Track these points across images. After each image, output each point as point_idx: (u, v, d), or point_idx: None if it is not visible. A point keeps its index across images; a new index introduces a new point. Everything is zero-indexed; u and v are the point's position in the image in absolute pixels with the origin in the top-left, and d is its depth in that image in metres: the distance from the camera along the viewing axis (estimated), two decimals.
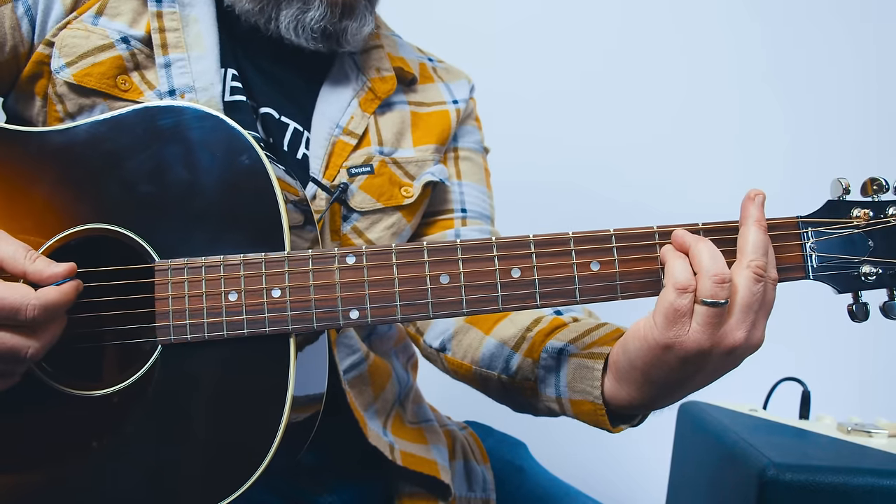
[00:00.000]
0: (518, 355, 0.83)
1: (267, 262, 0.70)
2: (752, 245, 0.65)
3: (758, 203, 0.67)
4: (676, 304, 0.63)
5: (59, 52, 0.80)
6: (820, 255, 0.68)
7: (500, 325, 0.88)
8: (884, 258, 0.67)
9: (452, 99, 1.01)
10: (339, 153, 0.88)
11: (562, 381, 0.77)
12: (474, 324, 0.91)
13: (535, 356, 0.81)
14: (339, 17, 0.85)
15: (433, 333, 0.95)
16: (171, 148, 0.71)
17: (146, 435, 0.69)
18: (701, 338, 0.63)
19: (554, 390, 0.78)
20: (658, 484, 1.27)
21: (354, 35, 0.87)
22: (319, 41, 0.86)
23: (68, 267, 0.66)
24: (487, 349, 0.87)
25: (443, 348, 0.93)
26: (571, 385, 0.75)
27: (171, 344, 0.70)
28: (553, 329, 0.83)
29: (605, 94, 1.66)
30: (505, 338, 0.86)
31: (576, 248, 0.68)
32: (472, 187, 1.02)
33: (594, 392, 0.73)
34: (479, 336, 0.89)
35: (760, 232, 0.65)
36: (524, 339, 0.84)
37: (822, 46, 1.68)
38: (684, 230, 0.67)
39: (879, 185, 0.66)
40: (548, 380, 0.78)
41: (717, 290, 0.62)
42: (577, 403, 0.75)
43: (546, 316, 0.86)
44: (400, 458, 0.88)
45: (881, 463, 0.89)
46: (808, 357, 1.51)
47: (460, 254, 0.69)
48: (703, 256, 0.64)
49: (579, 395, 0.74)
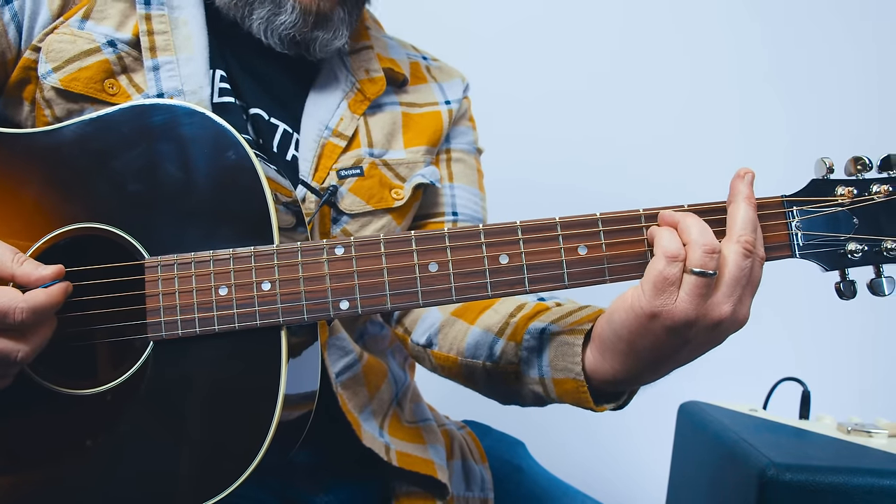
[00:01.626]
0: (502, 340, 0.82)
1: (256, 255, 0.69)
2: (742, 221, 0.64)
3: (747, 181, 0.66)
4: (666, 272, 0.63)
5: (46, 57, 0.79)
6: (805, 234, 0.67)
7: (484, 314, 0.87)
8: (869, 235, 0.66)
9: (445, 99, 1.00)
10: (329, 155, 0.87)
11: (544, 360, 0.76)
12: (460, 316, 0.90)
13: (518, 339, 0.80)
14: (312, 26, 0.84)
15: (419, 331, 0.94)
16: (158, 145, 0.71)
17: (139, 432, 0.69)
18: (688, 307, 0.63)
19: (537, 371, 0.77)
20: (658, 484, 1.25)
21: (324, 47, 0.86)
22: (286, 47, 0.85)
23: (56, 269, 0.66)
24: (472, 338, 0.86)
25: (429, 343, 0.92)
26: (553, 363, 0.75)
27: (163, 340, 0.69)
28: (536, 312, 0.82)
29: (605, 93, 1.66)
30: (489, 325, 0.85)
31: (563, 232, 0.68)
32: (463, 189, 1.01)
33: (575, 368, 0.72)
34: (465, 327, 0.88)
35: (750, 208, 0.65)
36: (508, 325, 0.83)
37: (822, 46, 1.67)
38: (670, 210, 0.67)
39: (863, 163, 0.66)
40: (531, 361, 0.78)
41: (707, 260, 0.62)
42: (559, 382, 0.75)
43: (530, 302, 0.86)
44: (396, 459, 0.86)
45: (881, 463, 0.88)
46: (808, 357, 1.49)
47: (448, 242, 0.68)
48: (693, 229, 0.64)
49: (561, 373, 0.74)
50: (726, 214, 0.67)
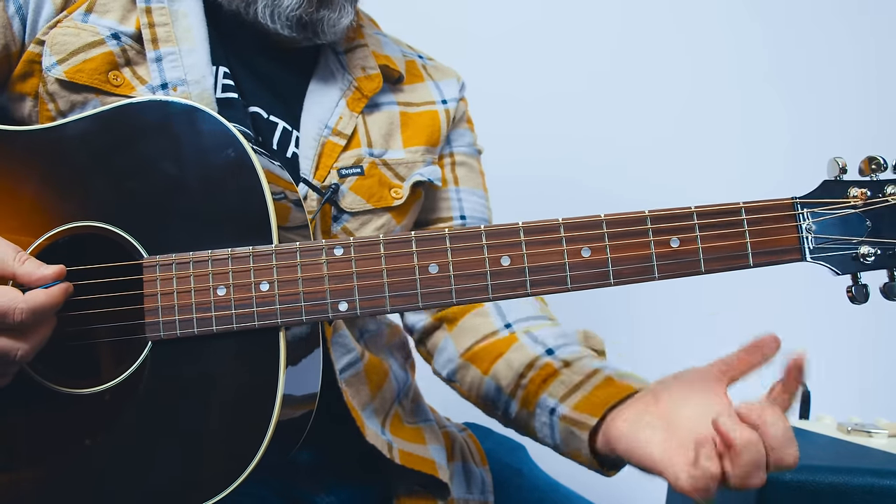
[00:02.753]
0: (515, 403, 0.85)
1: (255, 255, 0.67)
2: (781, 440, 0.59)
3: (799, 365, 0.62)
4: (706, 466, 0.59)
5: (50, 49, 0.78)
6: (816, 237, 0.64)
7: (496, 365, 0.88)
8: (883, 238, 0.63)
9: (442, 98, 0.97)
10: (329, 154, 0.85)
11: (556, 436, 0.80)
12: (472, 361, 0.91)
13: (530, 408, 0.83)
14: (317, 6, 0.82)
15: (440, 362, 0.96)
16: (156, 143, 0.69)
17: (138, 432, 0.67)
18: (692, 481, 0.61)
19: (550, 440, 0.82)
20: (658, 484, 1.22)
21: (332, 26, 0.84)
22: (295, 30, 0.83)
23: (57, 270, 0.64)
24: (488, 390, 0.89)
25: (451, 379, 0.95)
26: (565, 442, 0.79)
27: (162, 340, 0.67)
28: (545, 379, 0.83)
29: (605, 93, 1.63)
30: (502, 384, 0.87)
31: (566, 234, 0.65)
32: (469, 193, 0.99)
33: (584, 452, 0.76)
34: (479, 376, 0.90)
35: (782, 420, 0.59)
36: (518, 387, 0.85)
37: (823, 46, 1.64)
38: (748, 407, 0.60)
39: (878, 163, 0.62)
40: (544, 430, 0.82)
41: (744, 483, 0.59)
42: (572, 454, 0.79)
43: (539, 358, 0.85)
44: (398, 457, 0.84)
45: (881, 463, 0.87)
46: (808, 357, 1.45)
47: (449, 243, 0.66)
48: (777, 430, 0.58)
49: (573, 449, 0.78)
50: (735, 217, 0.64)
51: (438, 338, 0.95)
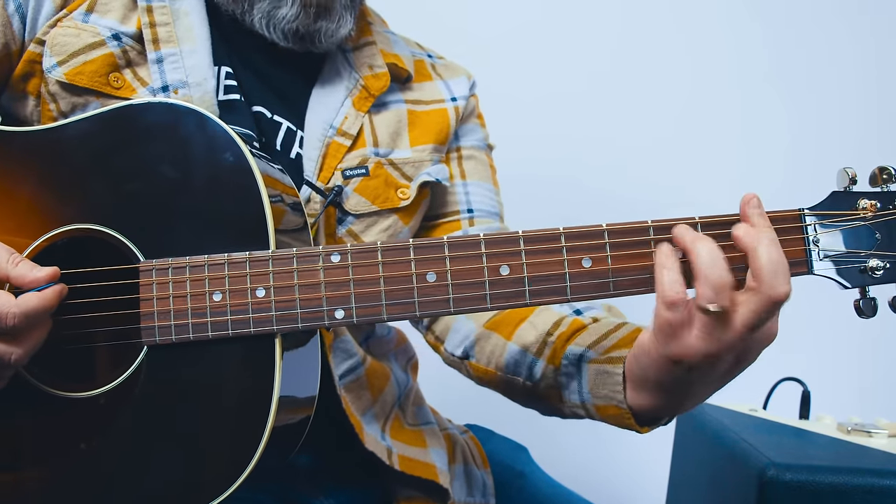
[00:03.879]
0: (541, 361, 0.78)
1: (251, 261, 0.65)
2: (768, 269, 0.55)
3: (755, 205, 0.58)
4: (669, 317, 0.57)
5: (51, 50, 0.76)
6: (824, 249, 0.61)
7: (520, 328, 0.82)
8: (892, 251, 0.60)
9: (451, 96, 0.94)
10: (334, 155, 0.83)
11: (584, 386, 0.72)
12: (495, 329, 0.85)
13: (556, 363, 0.76)
14: (314, 17, 0.79)
15: (454, 342, 0.89)
16: (155, 146, 0.67)
17: (133, 436, 0.66)
18: (705, 345, 0.56)
19: (578, 396, 0.73)
20: (658, 484, 1.21)
21: (330, 36, 0.81)
22: (291, 41, 0.80)
23: (51, 272, 0.63)
24: (511, 355, 0.82)
25: (466, 356, 0.87)
26: (594, 391, 0.71)
27: (157, 345, 0.66)
28: (573, 333, 0.77)
29: (606, 93, 1.60)
30: (527, 343, 0.80)
31: (566, 244, 0.62)
32: (477, 185, 0.95)
33: (617, 397, 0.68)
34: (501, 342, 0.83)
35: (775, 250, 0.56)
36: (545, 345, 0.78)
37: (823, 46, 1.61)
38: (686, 226, 0.59)
39: (889, 174, 0.59)
40: (571, 386, 0.74)
41: (713, 296, 0.55)
42: (602, 408, 0.71)
43: (566, 317, 0.80)
44: (398, 463, 0.82)
45: (881, 463, 0.85)
46: (808, 357, 1.43)
47: (447, 251, 0.63)
48: (702, 261, 0.55)
49: (603, 400, 0.70)
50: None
51: (450, 318, 0.90)
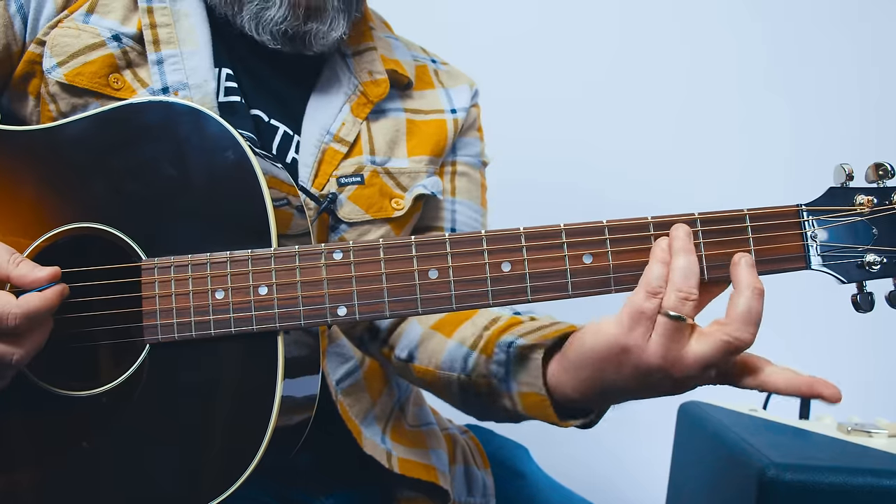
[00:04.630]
0: (475, 353, 0.78)
1: (253, 259, 0.65)
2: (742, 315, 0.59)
3: (745, 264, 0.60)
4: (643, 306, 0.59)
5: (51, 51, 0.76)
6: (822, 244, 0.61)
7: (461, 326, 0.82)
8: (889, 246, 0.60)
9: (451, 108, 0.93)
10: (329, 161, 0.82)
11: (510, 374, 0.72)
12: (438, 329, 0.84)
13: (488, 352, 0.76)
14: (304, 19, 0.78)
15: (402, 345, 0.88)
16: (157, 144, 0.67)
17: (135, 435, 0.65)
18: (657, 350, 0.59)
19: (505, 385, 0.73)
20: (658, 484, 1.20)
21: (321, 38, 0.79)
22: (280, 42, 0.79)
23: (52, 272, 0.62)
24: (448, 351, 0.81)
25: (410, 357, 0.86)
26: (517, 377, 0.71)
27: (160, 343, 0.65)
28: (509, 326, 0.77)
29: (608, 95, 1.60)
30: (464, 337, 0.80)
31: (567, 240, 0.62)
32: (465, 206, 0.94)
33: (537, 382, 0.68)
34: (442, 339, 0.83)
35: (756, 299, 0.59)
36: (481, 338, 0.78)
37: (824, 48, 1.61)
38: (684, 230, 0.61)
39: (885, 170, 0.60)
40: (499, 374, 0.73)
41: (678, 305, 0.58)
42: (524, 396, 0.70)
43: (504, 315, 0.81)
44: (397, 466, 0.82)
45: (881, 463, 0.85)
46: (809, 357, 1.43)
47: (449, 248, 0.63)
48: (677, 271, 0.59)
49: (526, 386, 0.70)
50: (740, 224, 0.61)
51: (403, 327, 0.89)
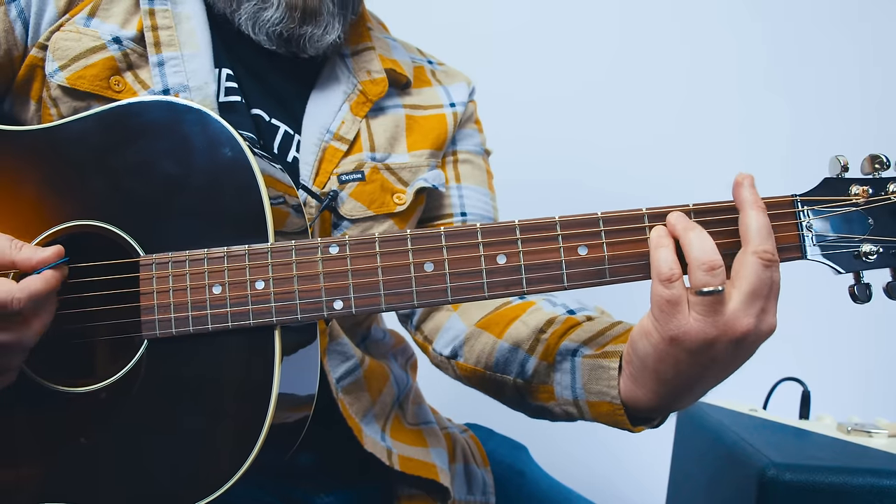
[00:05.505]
0: (533, 358, 0.76)
1: (250, 254, 0.65)
2: (756, 230, 0.58)
3: (748, 185, 0.61)
4: (667, 295, 0.58)
5: (52, 55, 0.76)
6: (817, 235, 0.61)
7: (512, 326, 0.80)
8: (885, 236, 0.60)
9: (450, 102, 0.93)
10: (330, 159, 0.82)
11: (577, 382, 0.71)
12: (486, 328, 0.83)
13: (550, 359, 0.74)
14: (299, 22, 0.78)
15: (443, 341, 0.87)
16: (156, 143, 0.67)
17: (133, 430, 0.65)
18: (703, 326, 0.57)
19: (571, 392, 0.72)
20: (658, 484, 1.19)
21: (316, 42, 0.80)
22: (276, 44, 0.80)
23: (56, 250, 0.63)
24: (501, 353, 0.80)
25: (454, 355, 0.85)
26: (587, 387, 0.70)
27: (157, 339, 0.65)
28: (567, 329, 0.76)
29: (607, 93, 1.60)
30: (519, 340, 0.79)
31: (562, 232, 0.62)
32: (472, 189, 0.94)
33: (611, 392, 0.67)
34: (492, 340, 0.81)
35: (761, 214, 0.59)
36: (538, 342, 0.77)
37: (823, 45, 1.61)
38: (679, 213, 0.61)
39: (880, 161, 0.59)
40: (564, 382, 0.72)
41: (709, 279, 0.57)
42: (594, 405, 0.70)
43: (559, 316, 0.79)
44: (398, 463, 0.81)
45: (881, 463, 0.84)
46: (808, 357, 1.42)
47: (444, 241, 0.63)
48: (693, 247, 0.58)
49: (596, 396, 0.69)
50: (733, 215, 0.61)
51: (441, 319, 0.89)
